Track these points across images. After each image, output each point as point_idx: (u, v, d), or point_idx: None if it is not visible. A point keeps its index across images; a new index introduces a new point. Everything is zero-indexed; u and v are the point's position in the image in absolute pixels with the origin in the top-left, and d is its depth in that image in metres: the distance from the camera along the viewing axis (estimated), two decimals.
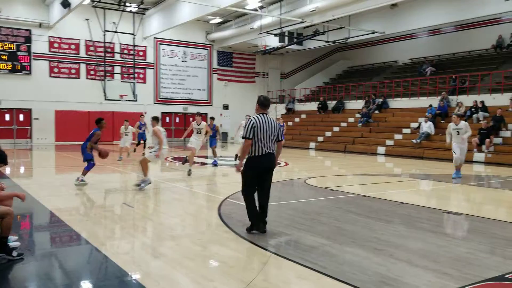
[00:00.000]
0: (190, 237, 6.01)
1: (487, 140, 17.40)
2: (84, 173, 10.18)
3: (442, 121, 21.05)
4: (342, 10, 22.00)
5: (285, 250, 5.46)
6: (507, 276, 4.46)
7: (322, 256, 5.03)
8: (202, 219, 7.27)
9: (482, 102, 20.06)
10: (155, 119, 10.29)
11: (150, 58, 29.75)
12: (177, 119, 31.02)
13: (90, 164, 10.19)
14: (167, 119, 30.60)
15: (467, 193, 10.38)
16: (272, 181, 6.18)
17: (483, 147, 17.49)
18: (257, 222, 6.02)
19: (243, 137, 5.95)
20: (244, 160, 6.07)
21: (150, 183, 9.74)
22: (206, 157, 17.51)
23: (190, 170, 12.20)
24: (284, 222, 6.74)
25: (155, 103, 29.90)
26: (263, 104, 6.17)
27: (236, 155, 15.80)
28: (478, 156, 17.45)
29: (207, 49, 31.66)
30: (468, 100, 21.17)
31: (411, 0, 22.67)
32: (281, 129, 6.60)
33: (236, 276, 4.45)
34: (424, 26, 25.62)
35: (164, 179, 12.25)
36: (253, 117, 6.01)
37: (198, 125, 13.13)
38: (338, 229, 6.44)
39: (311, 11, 22.66)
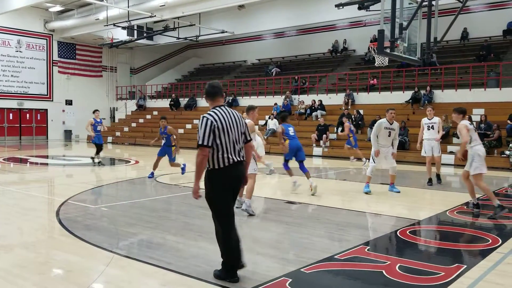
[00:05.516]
0: (23, 244, 5.42)
1: (324, 135, 19.17)
2: None
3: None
4: (192, 8, 22.11)
5: (130, 249, 5.27)
6: (335, 256, 4.95)
7: (168, 253, 4.98)
8: (38, 223, 6.61)
9: (320, 101, 22.07)
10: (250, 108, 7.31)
11: None
12: (11, 116, 27.61)
13: None
14: None
15: (307, 184, 11.26)
16: (121, 179, 5.83)
17: (321, 142, 19.23)
18: (236, 262, 4.22)
19: (199, 145, 3.97)
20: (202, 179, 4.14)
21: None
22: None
23: None
24: (131, 221, 6.51)
25: None
26: (210, 93, 4.22)
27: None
28: (316, 150, 19.13)
29: (45, 39, 28.79)
30: (308, 99, 23.06)
31: (257, 3, 23.78)
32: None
33: (73, 281, 4.15)
34: (269, 28, 27.13)
35: None
36: (210, 113, 4.08)
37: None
38: (186, 224, 6.45)
39: (160, 6, 22.28)
